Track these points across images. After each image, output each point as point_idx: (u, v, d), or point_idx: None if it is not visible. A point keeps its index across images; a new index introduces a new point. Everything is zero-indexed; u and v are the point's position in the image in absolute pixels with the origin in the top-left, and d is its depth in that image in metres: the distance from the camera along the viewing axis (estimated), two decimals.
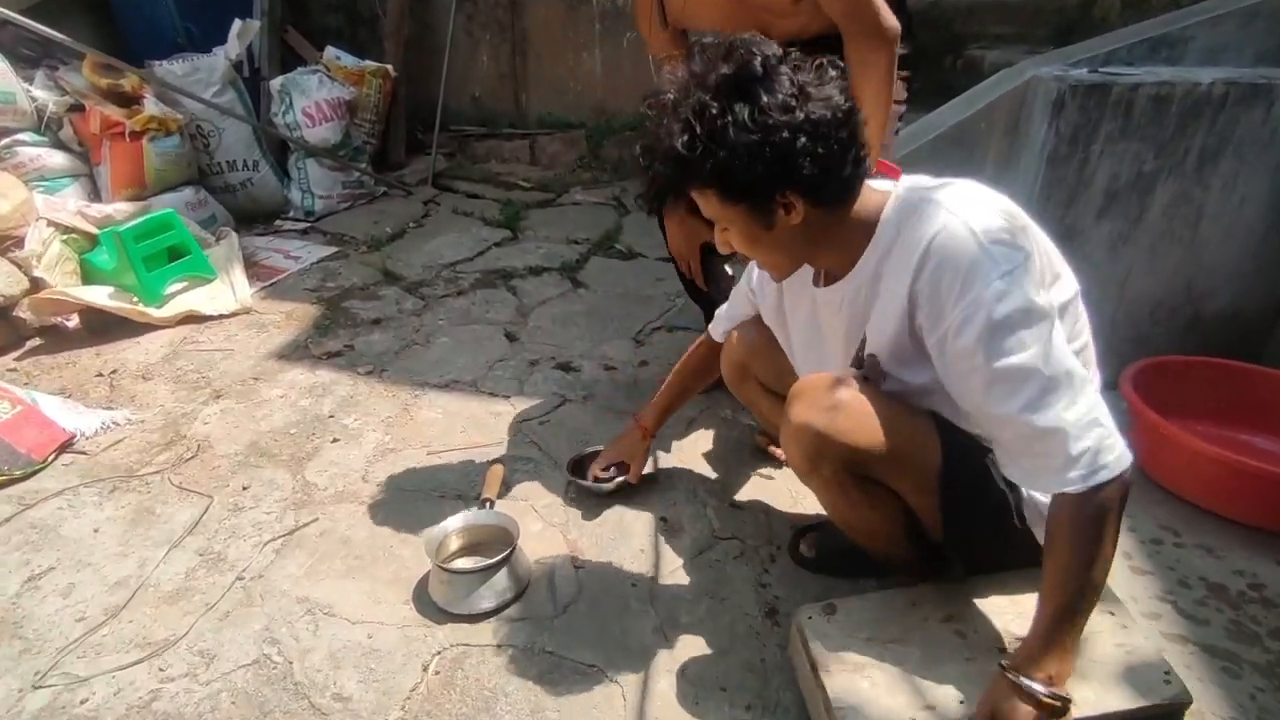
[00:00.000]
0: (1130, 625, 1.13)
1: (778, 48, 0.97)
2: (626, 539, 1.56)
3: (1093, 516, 0.93)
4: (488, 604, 1.35)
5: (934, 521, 1.13)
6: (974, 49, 3.26)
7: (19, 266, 2.31)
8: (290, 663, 1.27)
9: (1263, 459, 1.81)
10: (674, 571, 1.47)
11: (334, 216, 3.41)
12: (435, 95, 4.10)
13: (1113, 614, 1.15)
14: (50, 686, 1.24)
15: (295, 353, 2.31)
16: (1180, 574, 1.53)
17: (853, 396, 1.06)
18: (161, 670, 1.27)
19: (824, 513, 1.58)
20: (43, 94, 2.67)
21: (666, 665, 1.27)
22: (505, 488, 1.70)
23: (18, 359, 2.27)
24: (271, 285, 2.75)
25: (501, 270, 2.88)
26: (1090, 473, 0.91)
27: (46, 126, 2.68)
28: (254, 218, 3.37)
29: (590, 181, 3.96)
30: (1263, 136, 1.90)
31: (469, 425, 1.96)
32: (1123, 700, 0.99)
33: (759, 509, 1.64)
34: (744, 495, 1.68)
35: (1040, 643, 0.96)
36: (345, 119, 3.41)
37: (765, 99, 0.91)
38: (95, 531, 1.59)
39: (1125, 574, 1.52)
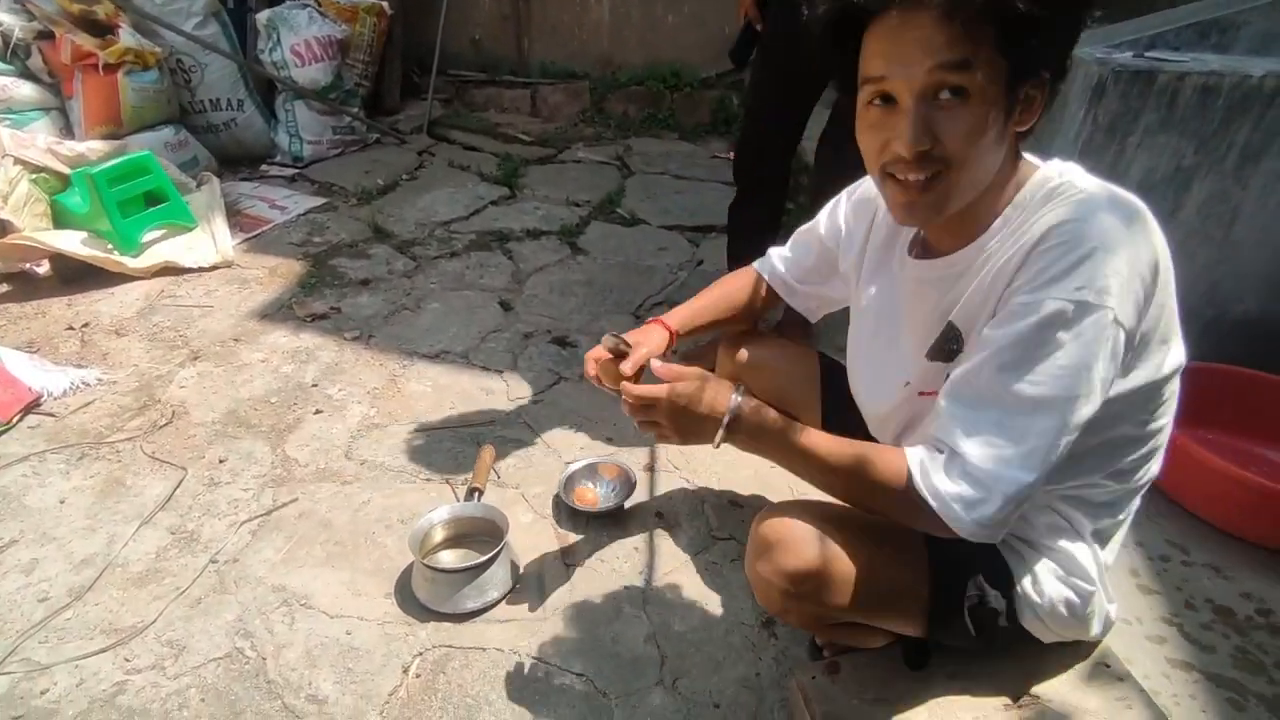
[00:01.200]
0: (1129, 698, 1.07)
1: None
2: (621, 535, 1.49)
3: (892, 489, 0.87)
4: (473, 604, 1.29)
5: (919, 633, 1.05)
6: None
7: None
8: (264, 658, 1.21)
9: (1275, 472, 1.78)
10: (669, 574, 1.41)
11: (323, 164, 3.25)
12: (433, 36, 3.90)
13: (1111, 683, 1.09)
14: (8, 674, 1.18)
15: (278, 313, 2.20)
16: (1187, 594, 1.49)
17: (829, 554, 0.94)
18: (127, 660, 1.20)
19: None
20: (8, 18, 2.48)
21: (658, 678, 1.21)
22: (495, 473, 1.62)
23: None
24: (255, 237, 2.62)
25: (498, 231, 2.75)
26: (930, 493, 0.83)
27: (13, 54, 2.50)
28: (238, 161, 3.20)
29: (593, 138, 3.80)
30: None
31: (459, 401, 1.88)
32: None
33: (759, 507, 1.58)
34: (744, 490, 1.62)
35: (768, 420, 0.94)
36: (337, 59, 3.22)
37: None
38: (61, 503, 1.51)
39: (1132, 592, 1.48)
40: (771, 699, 1.18)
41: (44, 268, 2.28)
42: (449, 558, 1.41)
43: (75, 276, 2.28)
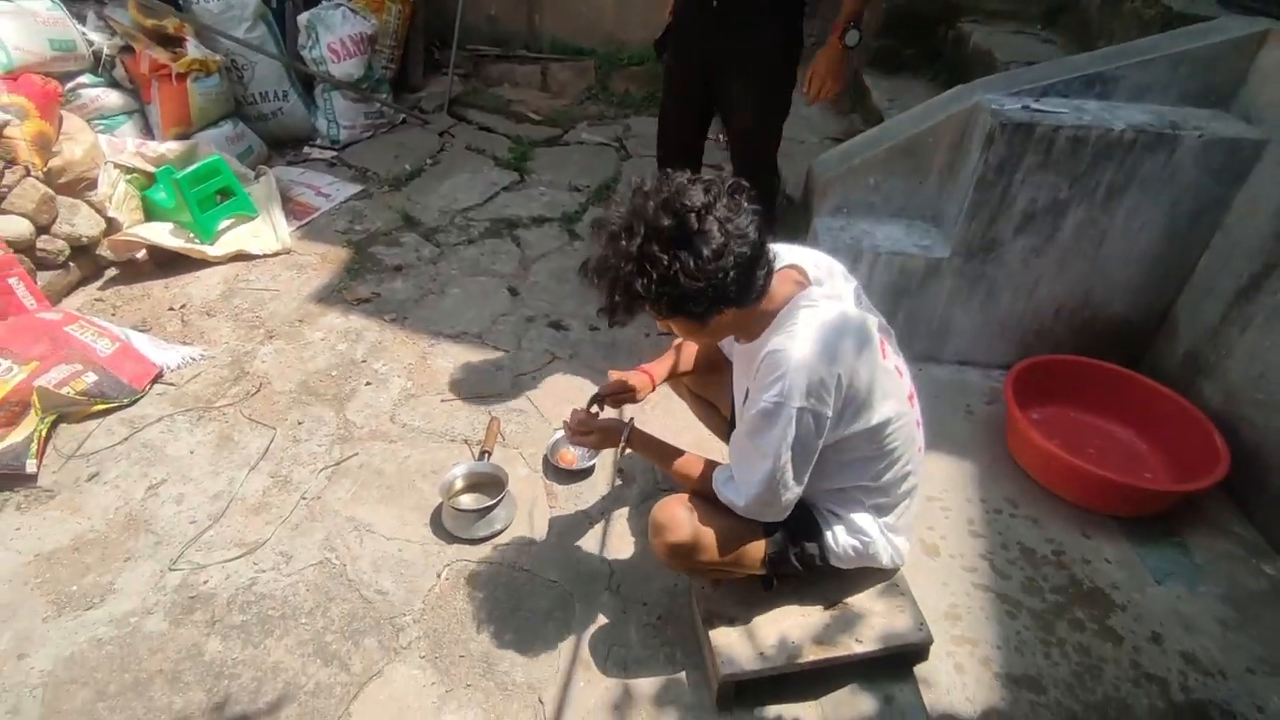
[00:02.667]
0: (903, 606, 1.62)
1: (702, 194, 1.20)
2: (590, 485, 2.06)
3: (706, 491, 1.48)
4: (483, 533, 1.87)
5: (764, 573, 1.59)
6: (966, 22, 3.42)
7: (95, 208, 2.70)
8: (344, 565, 1.82)
9: (1118, 448, 2.28)
10: (622, 514, 1.98)
11: (357, 147, 3.71)
12: (453, 12, 4.25)
13: (896, 597, 1.64)
14: (180, 570, 1.79)
15: (331, 296, 2.74)
16: (1005, 539, 2.02)
17: (697, 532, 1.45)
18: (255, 565, 1.81)
19: None
20: (96, 36, 2.94)
21: (606, 584, 1.80)
22: (501, 437, 2.19)
23: (101, 289, 2.71)
24: (306, 224, 3.13)
25: (508, 219, 3.24)
26: (719, 492, 1.45)
27: (103, 67, 2.97)
28: (284, 143, 3.68)
29: (596, 117, 4.19)
30: (1164, 176, 2.20)
31: (475, 376, 2.43)
32: (888, 643, 1.52)
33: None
34: None
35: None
36: (368, 52, 3.63)
37: (705, 251, 1.17)
38: (191, 453, 2.10)
39: (963, 536, 2.01)
40: (681, 601, 1.77)
41: (142, 254, 2.82)
42: (467, 500, 1.99)
43: (167, 262, 2.83)
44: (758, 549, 1.52)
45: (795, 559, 1.53)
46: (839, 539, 1.53)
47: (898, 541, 1.59)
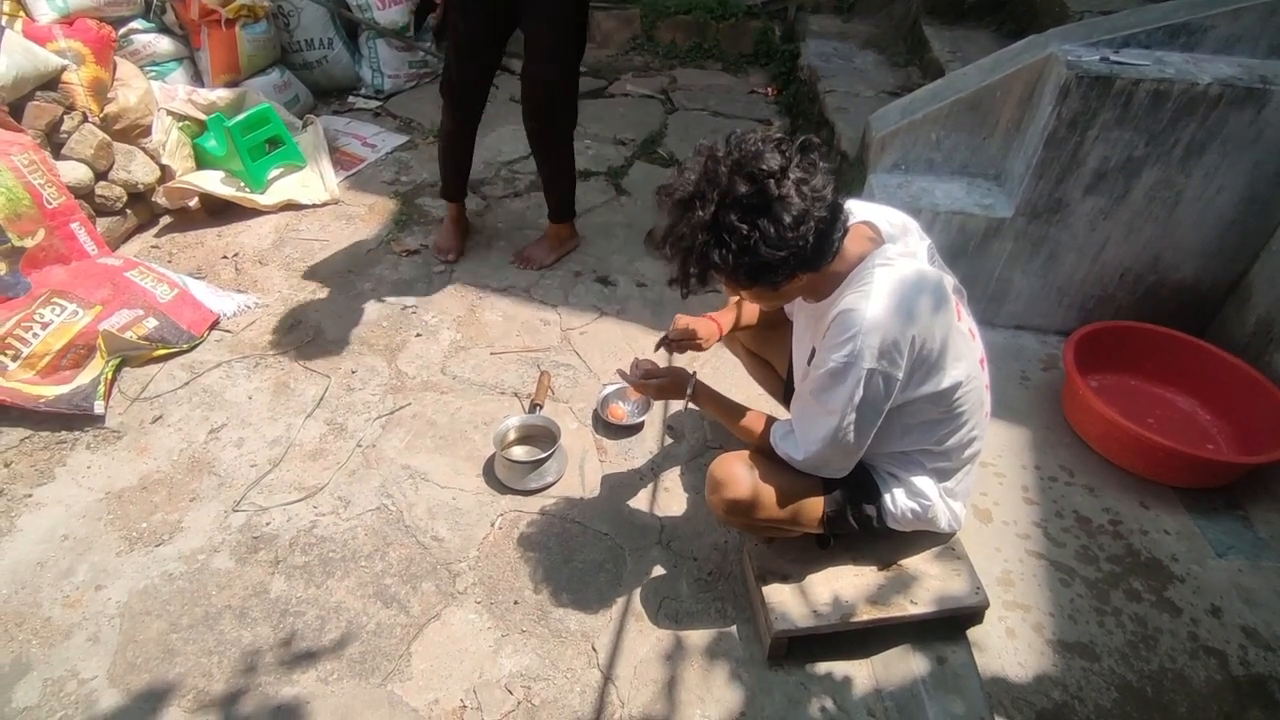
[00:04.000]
0: (960, 569, 1.61)
1: (778, 157, 1.14)
2: (639, 441, 2.07)
3: (766, 448, 1.47)
4: (535, 485, 1.90)
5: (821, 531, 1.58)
6: None
7: (150, 155, 2.72)
8: (401, 511, 1.85)
9: (1179, 418, 2.22)
10: (672, 470, 1.99)
11: (401, 96, 3.68)
12: None
13: (952, 560, 1.63)
14: (244, 511, 1.84)
15: (380, 248, 2.75)
16: (1060, 507, 1.99)
17: (756, 488, 1.44)
18: (315, 508, 1.86)
19: None
20: None
21: (657, 539, 1.82)
22: (551, 391, 2.19)
23: (156, 235, 2.75)
24: (354, 175, 3.13)
25: None
26: (777, 446, 1.44)
27: (154, 12, 2.96)
28: (329, 93, 3.66)
29: (641, 67, 4.09)
30: (1249, 135, 2.09)
31: (523, 330, 2.43)
32: (943, 605, 1.52)
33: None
34: None
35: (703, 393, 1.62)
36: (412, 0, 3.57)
37: (786, 218, 1.13)
38: (249, 398, 2.15)
39: (1017, 502, 1.99)
40: (732, 558, 1.78)
41: (194, 202, 2.85)
42: (519, 451, 2.01)
43: (218, 209, 2.85)
44: (815, 508, 1.51)
45: (853, 519, 1.52)
46: (898, 501, 1.52)
47: (955, 506, 1.57)
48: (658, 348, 1.70)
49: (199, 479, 1.91)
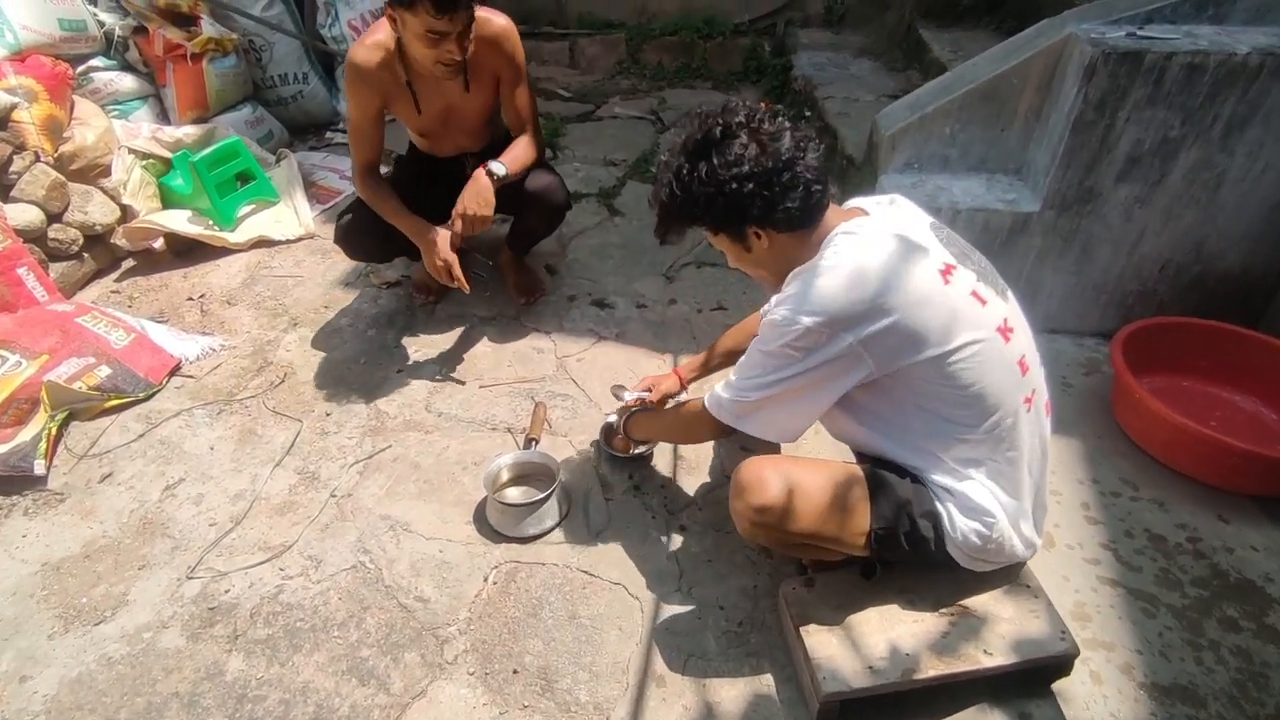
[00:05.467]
0: (1038, 610, 1.37)
1: (746, 112, 1.21)
2: (649, 475, 1.84)
3: (710, 425, 1.39)
4: (534, 530, 1.66)
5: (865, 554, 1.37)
6: None
7: (109, 195, 2.55)
8: (380, 569, 1.62)
9: (1244, 418, 2.00)
10: (688, 506, 1.76)
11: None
12: None
13: (1026, 599, 1.39)
14: (199, 578, 1.60)
15: (358, 281, 2.55)
16: (1128, 525, 1.76)
17: (788, 492, 1.27)
18: (282, 570, 1.62)
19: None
20: (108, 17, 2.78)
21: (676, 585, 1.58)
22: (548, 424, 1.97)
23: (117, 280, 2.56)
24: (330, 208, 2.95)
25: None
26: (712, 402, 1.36)
27: (115, 50, 2.81)
28: (305, 129, 3.51)
29: (629, 90, 3.97)
30: None
31: (514, 360, 2.22)
32: (1024, 655, 1.27)
33: (764, 450, 1.90)
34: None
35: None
36: None
37: (716, 159, 1.18)
38: (211, 449, 1.92)
39: (1079, 523, 1.76)
40: (764, 605, 1.53)
41: (159, 243, 2.67)
42: (514, 493, 1.78)
43: (185, 250, 2.67)
44: (860, 521, 1.30)
45: (905, 540, 1.30)
46: (956, 521, 1.29)
47: (1025, 528, 1.34)
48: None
49: (150, 543, 1.68)
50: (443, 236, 1.99)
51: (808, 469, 1.30)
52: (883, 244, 1.20)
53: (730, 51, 4.04)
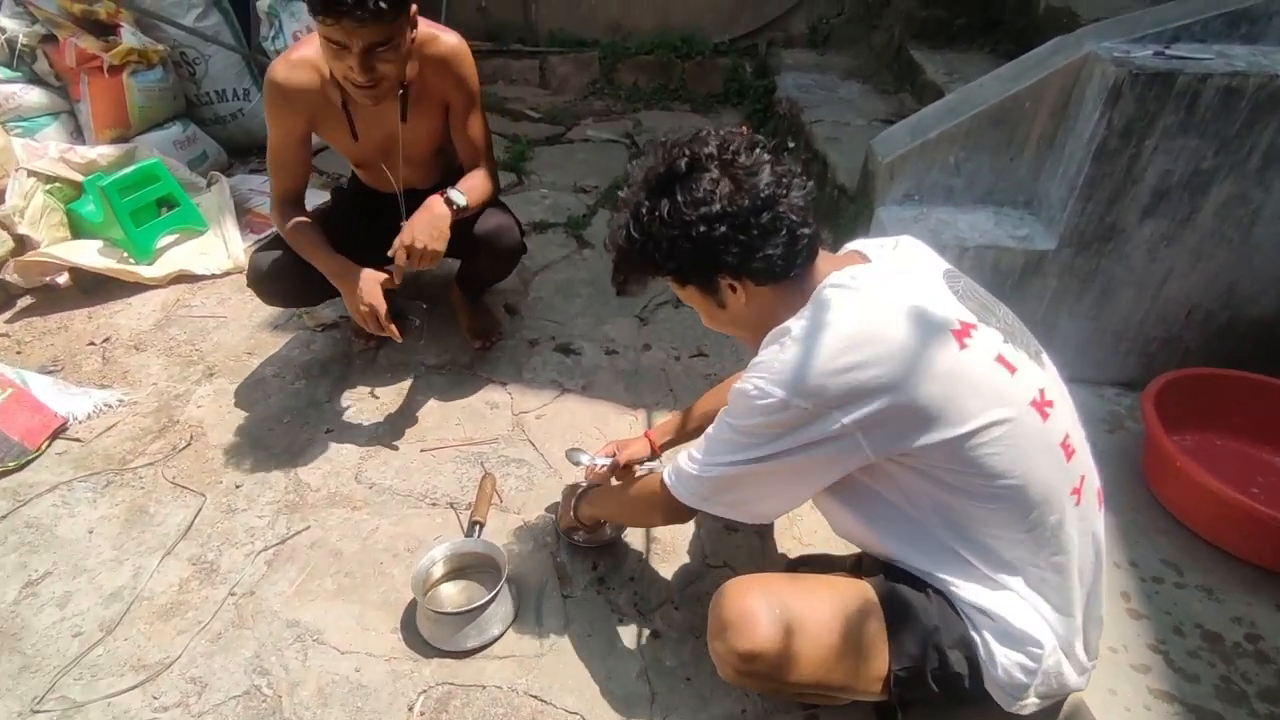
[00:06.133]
0: None
1: (718, 141, 1.02)
2: (617, 564, 1.55)
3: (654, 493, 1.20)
4: (474, 642, 1.36)
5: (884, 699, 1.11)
6: None
7: (1, 225, 2.23)
8: (280, 696, 1.30)
9: None
10: (662, 606, 1.47)
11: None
12: (438, 5, 3.80)
13: None
14: (48, 711, 1.28)
15: (289, 323, 2.25)
16: (1176, 619, 1.50)
17: (783, 635, 1.00)
18: (155, 699, 1.30)
19: (816, 549, 1.56)
20: (12, 24, 2.48)
21: (647, 712, 1.28)
22: (498, 496, 1.68)
23: (9, 321, 2.23)
24: (265, 238, 2.64)
25: None
26: (672, 477, 1.15)
27: (19, 60, 2.51)
28: (247, 150, 3.21)
29: (602, 112, 3.72)
30: None
31: (464, 417, 1.92)
32: None
33: (754, 530, 1.62)
34: None
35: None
36: None
37: (680, 196, 0.99)
38: (90, 533, 1.60)
39: (1121, 617, 1.50)
40: None
41: (64, 278, 2.34)
42: (451, 590, 1.48)
43: (94, 286, 2.35)
44: (877, 664, 1.04)
45: (933, 678, 1.03)
46: (995, 652, 1.02)
47: (1079, 650, 1.08)
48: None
49: None
50: (368, 278, 1.70)
51: (807, 595, 1.03)
52: (882, 299, 1.00)
53: (710, 72, 3.82)
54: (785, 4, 3.78)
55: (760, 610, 1.01)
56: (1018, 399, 0.99)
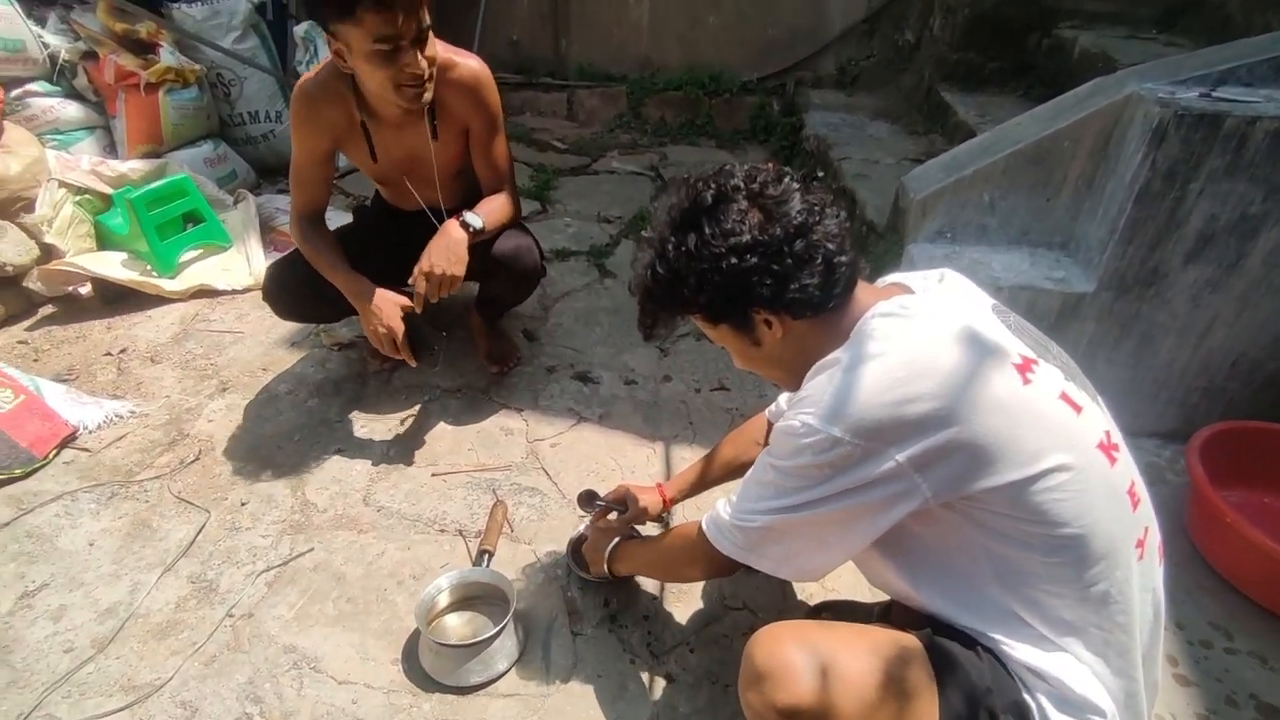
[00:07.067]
0: None
1: (744, 174, 0.98)
2: (630, 601, 1.47)
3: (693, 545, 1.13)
4: (478, 678, 1.28)
5: None
6: (1064, 28, 2.93)
7: (29, 232, 2.24)
8: None
9: None
10: (677, 646, 1.39)
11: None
12: (470, 38, 3.86)
13: None
14: None
15: (306, 340, 2.22)
16: (1228, 688, 1.41)
17: (825, 687, 0.92)
18: None
19: (840, 594, 1.48)
20: (55, 40, 2.54)
21: None
22: (509, 525, 1.62)
23: (29, 329, 2.23)
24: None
25: None
26: (711, 526, 1.08)
27: (60, 75, 2.56)
28: (276, 171, 3.24)
29: (629, 145, 3.74)
30: None
31: (477, 442, 1.87)
32: None
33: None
34: None
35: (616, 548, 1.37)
36: None
37: (708, 229, 0.95)
38: (90, 545, 1.55)
39: (1169, 684, 1.40)
40: None
41: (86, 288, 2.35)
42: (456, 622, 1.41)
43: (116, 298, 2.34)
44: (925, 710, 0.93)
45: None
46: (1050, 718, 0.94)
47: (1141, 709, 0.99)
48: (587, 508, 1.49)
49: None
50: (388, 300, 1.67)
51: (847, 644, 0.95)
52: (936, 327, 0.92)
53: (737, 109, 3.84)
54: (814, 45, 3.81)
55: (800, 661, 0.93)
56: (1084, 440, 0.92)
